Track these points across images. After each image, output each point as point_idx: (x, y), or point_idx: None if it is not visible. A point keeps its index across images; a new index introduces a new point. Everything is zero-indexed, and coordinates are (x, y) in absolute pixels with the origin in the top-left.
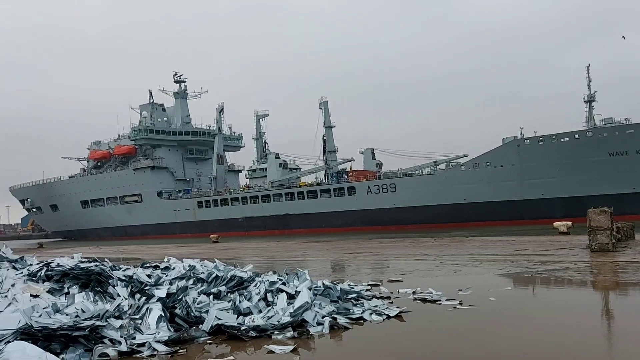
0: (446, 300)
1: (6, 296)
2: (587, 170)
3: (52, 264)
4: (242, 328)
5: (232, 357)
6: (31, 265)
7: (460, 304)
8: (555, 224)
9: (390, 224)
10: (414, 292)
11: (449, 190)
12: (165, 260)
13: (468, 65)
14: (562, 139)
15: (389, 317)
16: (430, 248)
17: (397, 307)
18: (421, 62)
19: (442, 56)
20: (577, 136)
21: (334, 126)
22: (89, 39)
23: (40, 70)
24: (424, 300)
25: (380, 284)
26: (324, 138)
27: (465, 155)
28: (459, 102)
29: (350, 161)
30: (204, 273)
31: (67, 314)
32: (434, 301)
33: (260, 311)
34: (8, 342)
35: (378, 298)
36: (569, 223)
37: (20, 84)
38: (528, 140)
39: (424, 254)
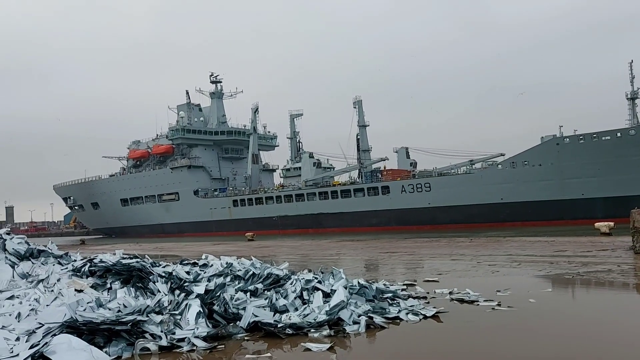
0: (484, 301)
1: (52, 290)
2: (630, 169)
3: (95, 260)
4: (279, 325)
5: (269, 354)
6: (75, 261)
7: (499, 305)
8: (597, 224)
9: (425, 223)
10: (450, 293)
11: (486, 190)
12: (203, 257)
13: (507, 55)
14: (603, 138)
15: (425, 317)
16: (467, 248)
17: (434, 308)
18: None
19: (478, 46)
20: (619, 134)
21: (368, 125)
22: (132, 42)
23: (86, 72)
24: (461, 300)
25: (415, 283)
26: (358, 137)
27: (502, 154)
28: (495, 95)
29: (384, 160)
30: (241, 270)
31: (109, 309)
32: (472, 302)
33: (296, 309)
34: (54, 335)
35: (414, 298)
36: (611, 224)
37: (67, 87)
38: (568, 139)
39: (460, 254)
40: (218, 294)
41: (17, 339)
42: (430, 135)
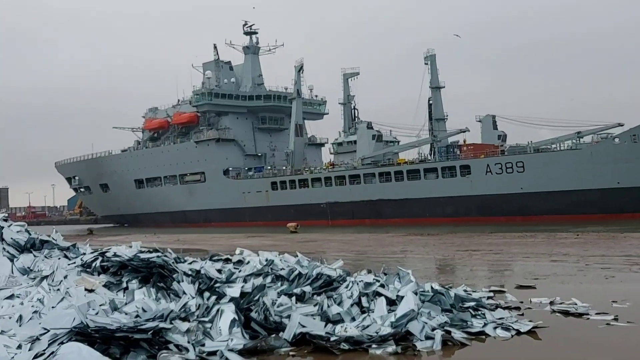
0: (596, 314)
1: (58, 289)
2: None
3: (108, 254)
4: (332, 339)
5: None
6: (84, 254)
7: (616, 319)
8: None
9: (517, 214)
10: (551, 303)
11: (598, 171)
12: (238, 252)
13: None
14: None
15: (519, 332)
16: (571, 246)
17: (530, 321)
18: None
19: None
20: None
21: (443, 87)
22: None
23: (92, 40)
24: (565, 313)
25: (505, 290)
26: (430, 102)
27: (620, 124)
28: (614, 55)
29: (464, 132)
30: (284, 269)
31: (126, 313)
32: (580, 315)
33: (353, 319)
34: (62, 343)
35: (504, 308)
36: None
37: (73, 54)
38: None
39: (563, 254)
40: (256, 297)
41: (19, 346)
42: (523, 100)
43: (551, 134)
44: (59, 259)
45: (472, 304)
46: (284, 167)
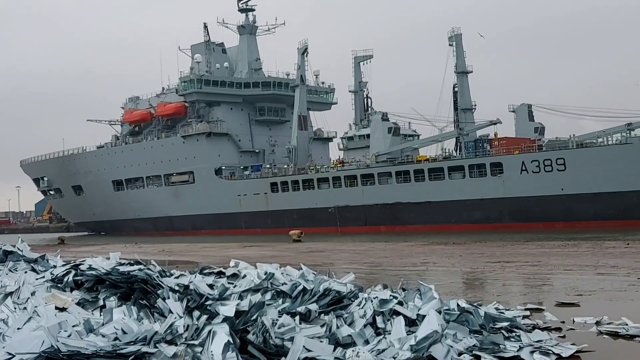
0: None
1: (25, 308)
2: None
3: (82, 267)
4: None
5: None
6: (55, 267)
7: None
8: None
9: (557, 219)
10: (598, 323)
11: None
12: (232, 264)
13: None
14: None
15: (560, 358)
16: (621, 257)
17: (573, 344)
18: None
19: None
20: None
21: (471, 71)
22: None
23: (60, 19)
24: (614, 334)
25: (543, 308)
26: (456, 89)
27: None
28: None
29: (495, 124)
30: (286, 284)
31: (103, 335)
32: (631, 337)
33: (367, 341)
34: None
35: (542, 329)
36: None
37: (38, 38)
38: None
39: (611, 266)
40: (254, 317)
41: None
42: (564, 87)
43: (597, 126)
44: (26, 272)
45: (505, 324)
46: (286, 166)
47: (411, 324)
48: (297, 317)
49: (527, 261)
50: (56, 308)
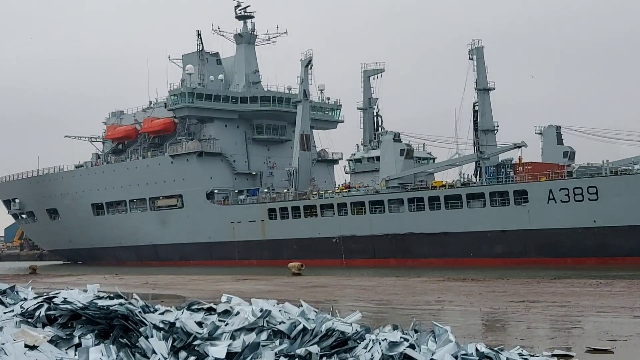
0: None
1: None
2: None
3: (56, 300)
4: None
5: None
6: (25, 300)
7: None
8: None
9: (588, 254)
10: None
11: None
12: (224, 300)
13: None
14: None
15: None
16: None
17: None
18: None
19: None
20: None
21: (493, 89)
22: None
23: (37, 25)
24: None
25: (573, 355)
26: (476, 108)
27: None
28: None
29: (519, 147)
30: (284, 323)
31: None
32: None
33: None
34: None
35: None
36: None
37: (11, 45)
38: None
39: None
40: (248, 359)
41: None
42: (597, 108)
43: (634, 151)
44: None
45: None
46: (285, 190)
47: None
48: None
49: (554, 301)
50: (26, 346)
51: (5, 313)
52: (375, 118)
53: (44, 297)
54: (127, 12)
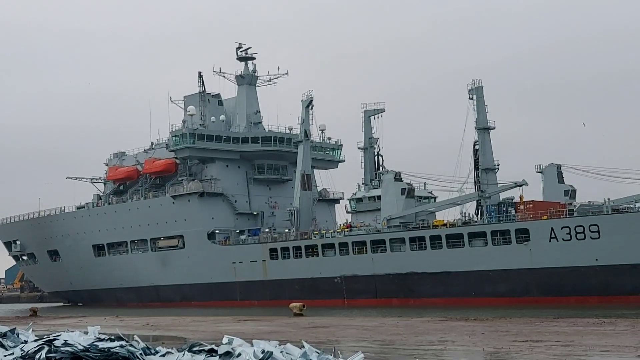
0: None
1: None
2: None
3: (56, 342)
4: None
5: None
6: (26, 342)
7: None
8: None
9: (591, 293)
10: None
11: None
12: (225, 341)
13: None
14: None
15: None
16: None
17: None
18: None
19: None
20: None
21: (494, 127)
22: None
23: (39, 67)
24: None
25: None
26: (476, 147)
27: None
28: None
29: (520, 185)
30: None
31: None
32: None
33: None
34: None
35: None
36: None
37: (13, 86)
38: None
39: None
40: None
41: None
42: (598, 146)
43: (635, 189)
44: None
45: None
46: (287, 230)
47: None
48: None
49: (558, 340)
50: None
51: (5, 356)
52: (376, 157)
53: (45, 339)
54: (130, 56)
